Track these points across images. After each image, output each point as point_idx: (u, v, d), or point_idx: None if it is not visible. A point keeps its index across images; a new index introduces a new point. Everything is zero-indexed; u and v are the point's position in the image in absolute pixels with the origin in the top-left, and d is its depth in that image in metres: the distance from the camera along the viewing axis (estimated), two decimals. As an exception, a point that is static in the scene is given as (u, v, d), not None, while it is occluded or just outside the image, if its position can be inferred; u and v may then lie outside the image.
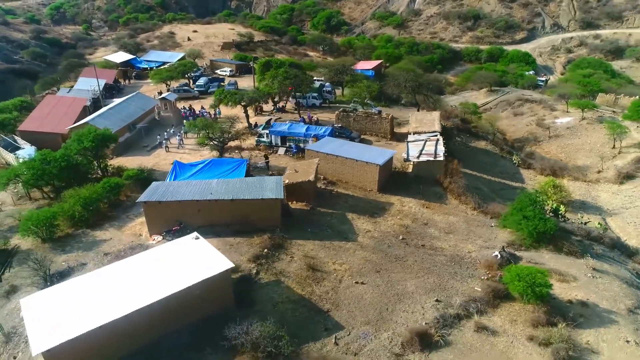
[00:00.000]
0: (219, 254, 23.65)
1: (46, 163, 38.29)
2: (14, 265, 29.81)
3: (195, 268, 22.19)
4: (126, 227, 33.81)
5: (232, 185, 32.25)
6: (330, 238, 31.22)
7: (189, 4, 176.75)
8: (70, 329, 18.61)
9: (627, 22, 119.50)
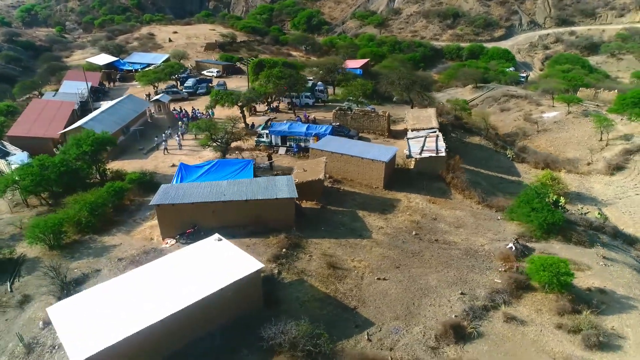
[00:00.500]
0: (246, 254, 23.48)
1: (44, 168, 37.33)
2: (22, 274, 28.95)
3: (225, 270, 21.96)
4: (135, 232, 33.20)
5: (244, 185, 31.99)
6: (345, 236, 31.29)
7: (166, 5, 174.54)
8: (106, 336, 18.17)
9: (600, 18, 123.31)
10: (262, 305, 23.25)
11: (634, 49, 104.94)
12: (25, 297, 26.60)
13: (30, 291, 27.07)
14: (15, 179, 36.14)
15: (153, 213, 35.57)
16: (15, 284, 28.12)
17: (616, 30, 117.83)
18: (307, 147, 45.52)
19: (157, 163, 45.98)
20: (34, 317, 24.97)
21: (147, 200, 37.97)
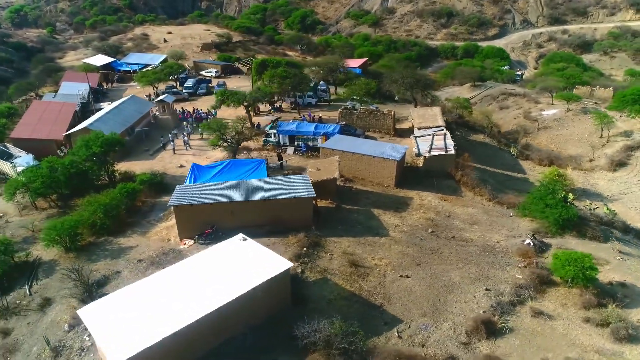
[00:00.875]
0: (274, 253, 23.48)
1: (53, 170, 36.94)
2: (40, 277, 28.64)
3: (255, 269, 21.93)
4: (150, 233, 33.00)
5: (261, 185, 31.94)
6: (363, 234, 31.38)
7: (158, 5, 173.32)
8: (144, 338, 18.07)
9: (592, 17, 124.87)
10: (291, 304, 23.25)
11: (627, 47, 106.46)
12: (46, 300, 26.34)
13: (50, 294, 26.81)
14: (25, 181, 35.66)
15: (167, 214, 35.49)
16: (34, 287, 27.85)
17: (608, 28, 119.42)
18: (316, 147, 45.60)
19: (164, 164, 45.64)
20: (58, 320, 24.74)
21: (159, 202, 37.89)
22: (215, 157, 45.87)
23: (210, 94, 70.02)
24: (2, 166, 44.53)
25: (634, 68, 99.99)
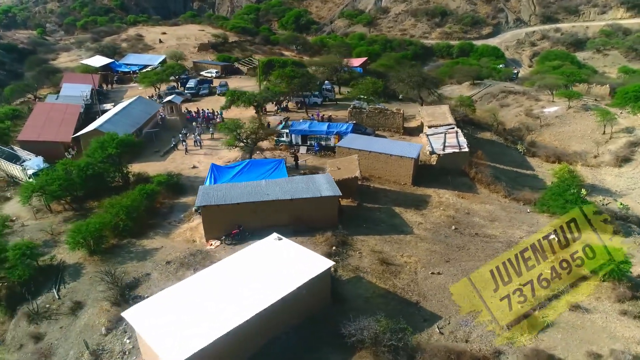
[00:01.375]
0: (313, 252, 23.51)
1: (69, 173, 36.54)
2: (66, 280, 28.29)
3: (297, 268, 21.95)
4: (174, 234, 32.80)
5: (285, 184, 31.96)
6: (388, 232, 31.53)
7: (149, 6, 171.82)
8: (197, 339, 17.98)
9: (584, 15, 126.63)
10: (330, 302, 23.30)
11: (619, 45, 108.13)
12: (77, 303, 26.08)
13: (80, 297, 26.54)
14: (42, 184, 35.19)
15: (188, 215, 35.34)
16: (62, 290, 27.53)
17: (599, 26, 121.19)
18: (329, 146, 45.71)
19: (176, 165, 45.28)
20: (92, 323, 24.50)
21: (177, 203, 37.67)
22: (228, 158, 45.77)
23: (212, 94, 69.82)
24: (12, 169, 43.91)
25: (627, 65, 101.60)
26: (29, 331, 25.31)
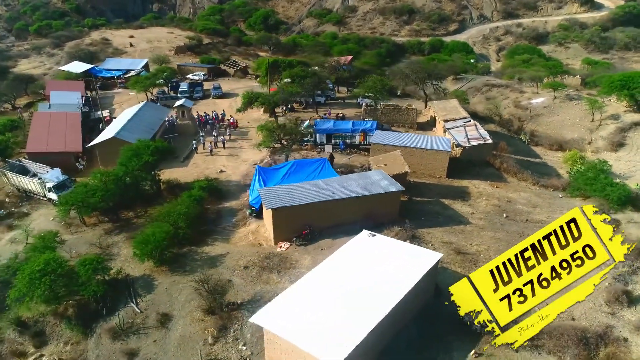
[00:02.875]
0: (416, 246, 23.97)
1: (106, 183, 35.14)
2: (140, 293, 27.32)
3: (408, 262, 22.34)
4: (234, 239, 32.40)
5: (343, 183, 32.20)
6: (447, 224, 32.48)
7: (107, 9, 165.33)
8: (346, 337, 18.05)
9: (542, 11, 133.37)
10: (433, 294, 23.89)
11: (579, 38, 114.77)
12: (163, 315, 25.35)
13: (163, 309, 25.79)
14: (82, 197, 33.60)
15: (240, 219, 34.89)
16: (140, 304, 26.57)
17: (557, 21, 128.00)
18: (353, 144, 46.22)
19: (201, 170, 44.29)
20: (188, 334, 23.92)
21: (222, 208, 37.08)
22: (253, 160, 45.37)
23: (206, 97, 68.59)
24: (27, 183, 41.43)
25: (588, 57, 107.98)
26: (118, 348, 24.33)
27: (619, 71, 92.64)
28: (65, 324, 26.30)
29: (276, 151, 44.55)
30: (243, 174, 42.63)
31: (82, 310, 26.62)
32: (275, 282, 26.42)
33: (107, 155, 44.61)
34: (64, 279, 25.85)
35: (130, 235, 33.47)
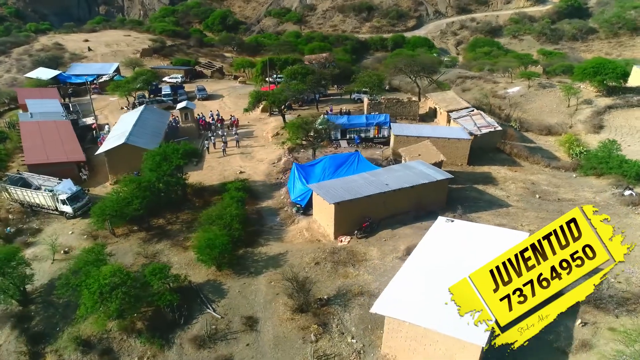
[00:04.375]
0: (498, 227, 24.75)
1: (140, 189, 33.58)
2: (212, 298, 26.42)
3: (502, 242, 22.98)
4: (286, 237, 32.06)
5: (391, 174, 32.65)
6: (490, 207, 33.67)
7: (50, 12, 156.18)
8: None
9: (492, 5, 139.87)
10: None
11: (531, 31, 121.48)
12: (248, 318, 24.76)
13: (246, 312, 25.26)
14: (119, 205, 31.90)
15: (285, 217, 34.53)
16: (217, 309, 25.69)
17: (508, 15, 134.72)
18: (367, 137, 46.70)
19: (219, 171, 43.15)
20: (281, 334, 23.50)
21: (261, 208, 36.42)
22: (270, 158, 44.85)
23: (190, 99, 66.67)
24: (36, 197, 38.65)
25: (542, 48, 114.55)
26: (205, 356, 23.46)
27: (572, 60, 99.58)
28: (138, 337, 24.98)
29: (294, 148, 44.32)
30: (265, 173, 42.07)
31: (154, 322, 25.40)
32: (354, 275, 26.40)
33: (117, 162, 42.73)
34: (135, 290, 24.57)
35: (173, 242, 32.34)
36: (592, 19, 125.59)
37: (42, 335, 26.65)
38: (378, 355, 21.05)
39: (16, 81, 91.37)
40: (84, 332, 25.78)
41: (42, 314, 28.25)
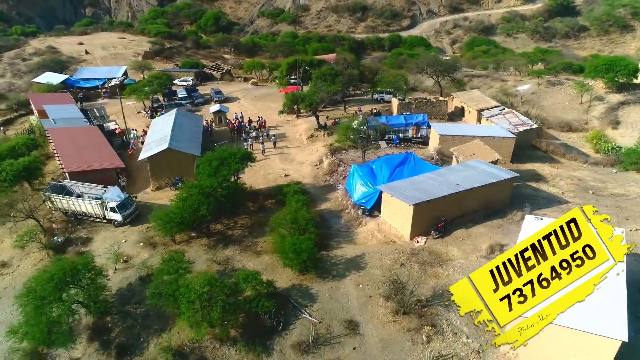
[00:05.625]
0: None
1: (203, 195, 33.07)
2: (305, 303, 26.20)
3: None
4: (356, 239, 32.08)
5: (456, 174, 32.99)
6: (550, 204, 34.22)
7: (35, 15, 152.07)
8: (614, 313, 18.96)
9: (484, 4, 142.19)
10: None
11: (525, 29, 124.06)
12: (348, 322, 24.62)
13: (343, 316, 25.08)
14: (187, 211, 31.36)
15: (349, 219, 34.48)
16: (312, 313, 25.50)
17: (499, 14, 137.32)
18: (406, 137, 46.98)
19: (263, 174, 42.75)
20: (387, 337, 23.52)
21: (322, 210, 36.20)
22: (310, 160, 44.86)
23: (207, 103, 65.99)
24: (80, 206, 37.65)
25: (534, 46, 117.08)
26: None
27: (568, 58, 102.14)
28: (233, 345, 24.61)
29: (336, 150, 44.30)
30: (312, 175, 41.96)
31: (247, 329, 25.06)
32: (445, 275, 26.59)
33: (159, 167, 42.06)
34: (232, 297, 24.24)
35: (241, 247, 31.96)
36: (582, 17, 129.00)
37: (126, 346, 26.00)
38: (497, 354, 21.28)
39: (14, 86, 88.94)
40: (173, 342, 25.29)
41: (120, 324, 27.55)
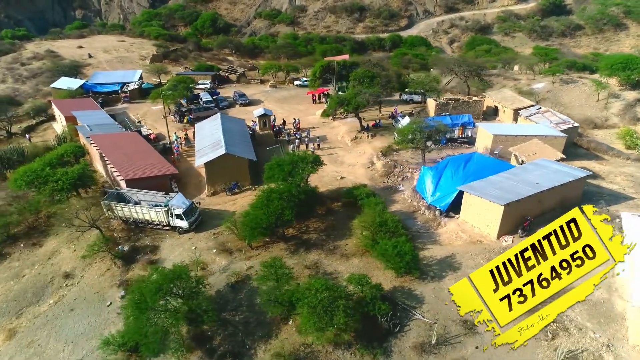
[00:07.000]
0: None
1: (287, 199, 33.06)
2: (404, 306, 26.50)
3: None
4: (440, 240, 32.50)
5: (530, 173, 33.77)
6: (617, 201, 34.94)
7: (24, 18, 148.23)
8: None
9: (478, 4, 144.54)
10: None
11: (522, 28, 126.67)
12: (465, 322, 24.93)
13: (454, 317, 25.31)
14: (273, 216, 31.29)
15: (426, 220, 34.91)
16: (424, 315, 25.81)
17: (494, 13, 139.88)
18: (452, 138, 47.65)
19: (316, 177, 42.25)
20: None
21: (394, 212, 36.42)
22: (360, 162, 45.34)
23: (231, 106, 65.68)
24: (143, 213, 37.17)
25: (532, 45, 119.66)
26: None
27: (567, 56, 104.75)
28: (347, 349, 24.74)
29: (388, 151, 44.71)
30: (368, 177, 42.32)
31: (362, 332, 25.20)
32: (547, 273, 27.16)
33: (215, 173, 41.84)
34: (350, 302, 24.41)
35: (325, 251, 32.07)
36: (575, 15, 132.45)
37: (234, 354, 25.89)
38: (627, 347, 21.98)
39: (18, 92, 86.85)
40: (285, 348, 25.28)
41: (220, 332, 27.39)
